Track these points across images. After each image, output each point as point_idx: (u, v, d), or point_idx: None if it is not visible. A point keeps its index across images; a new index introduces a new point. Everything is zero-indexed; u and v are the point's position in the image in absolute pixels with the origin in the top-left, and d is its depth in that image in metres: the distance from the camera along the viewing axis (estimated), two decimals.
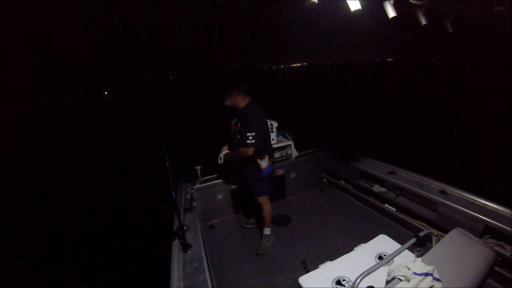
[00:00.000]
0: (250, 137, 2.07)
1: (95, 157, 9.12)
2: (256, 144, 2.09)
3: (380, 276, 1.12)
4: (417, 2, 1.52)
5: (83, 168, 8.13)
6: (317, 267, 1.57)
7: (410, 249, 1.25)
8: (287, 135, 3.14)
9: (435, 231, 1.57)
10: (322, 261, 1.67)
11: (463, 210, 1.94)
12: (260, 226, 2.53)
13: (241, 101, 2.18)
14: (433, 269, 1.02)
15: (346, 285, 1.39)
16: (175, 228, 1.86)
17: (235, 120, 2.28)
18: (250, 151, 2.11)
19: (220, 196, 2.90)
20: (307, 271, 1.97)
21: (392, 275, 1.06)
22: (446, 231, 1.58)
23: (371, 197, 2.87)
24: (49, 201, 5.78)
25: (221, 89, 2.14)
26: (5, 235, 4.24)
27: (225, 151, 2.38)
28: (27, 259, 3.81)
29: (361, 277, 1.06)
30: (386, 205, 2.69)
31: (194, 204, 2.39)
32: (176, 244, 1.74)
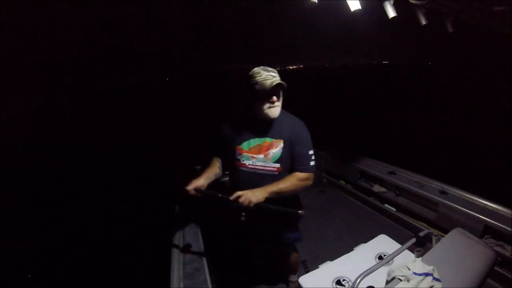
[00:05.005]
0: (313, 157, 1.40)
1: (94, 157, 9.11)
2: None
3: (380, 276, 1.12)
4: (417, 2, 1.52)
5: (82, 168, 8.12)
6: (317, 267, 1.57)
7: (410, 249, 1.26)
8: None
9: (435, 231, 1.57)
10: (322, 261, 1.67)
11: (463, 210, 1.94)
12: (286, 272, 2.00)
13: None
14: (433, 269, 1.02)
15: (346, 285, 1.39)
16: (175, 228, 1.85)
17: (256, 139, 1.40)
18: (312, 178, 1.41)
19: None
20: (307, 271, 1.97)
21: (392, 275, 1.07)
22: (446, 231, 1.58)
23: (371, 197, 2.87)
24: (48, 201, 5.77)
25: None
26: (21, 243, 4.24)
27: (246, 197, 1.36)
28: (27, 260, 3.81)
29: (361, 277, 1.06)
30: (386, 205, 2.69)
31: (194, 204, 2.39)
32: (176, 244, 1.74)
